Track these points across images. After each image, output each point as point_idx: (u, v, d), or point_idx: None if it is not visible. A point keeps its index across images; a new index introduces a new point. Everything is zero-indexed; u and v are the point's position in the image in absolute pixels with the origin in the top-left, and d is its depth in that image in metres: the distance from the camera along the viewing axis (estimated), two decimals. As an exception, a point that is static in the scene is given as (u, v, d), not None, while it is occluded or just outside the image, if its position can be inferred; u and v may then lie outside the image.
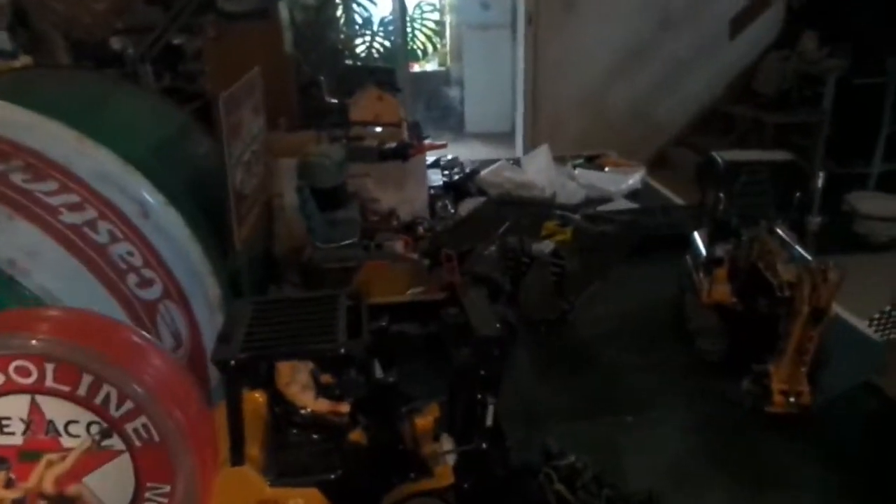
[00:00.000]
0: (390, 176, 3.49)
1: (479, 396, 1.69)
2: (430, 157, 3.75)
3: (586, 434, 2.14)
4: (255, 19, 8.37)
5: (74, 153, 1.90)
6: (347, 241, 2.60)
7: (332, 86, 7.50)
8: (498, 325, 1.65)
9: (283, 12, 8.99)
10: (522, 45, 9.46)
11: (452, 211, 3.47)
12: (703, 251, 2.68)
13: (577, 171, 4.14)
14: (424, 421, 1.83)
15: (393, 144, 3.29)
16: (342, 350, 1.55)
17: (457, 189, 4.21)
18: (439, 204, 3.45)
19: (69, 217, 1.69)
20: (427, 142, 3.37)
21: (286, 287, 2.84)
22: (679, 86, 8.91)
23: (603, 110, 9.68)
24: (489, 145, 12.65)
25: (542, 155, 4.17)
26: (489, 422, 1.72)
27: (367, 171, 3.47)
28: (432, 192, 3.55)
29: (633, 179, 4.04)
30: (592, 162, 4.73)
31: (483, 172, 4.23)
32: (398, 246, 2.59)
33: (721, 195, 2.60)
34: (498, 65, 11.72)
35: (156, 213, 1.98)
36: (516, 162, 4.46)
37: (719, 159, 2.69)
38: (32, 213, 1.60)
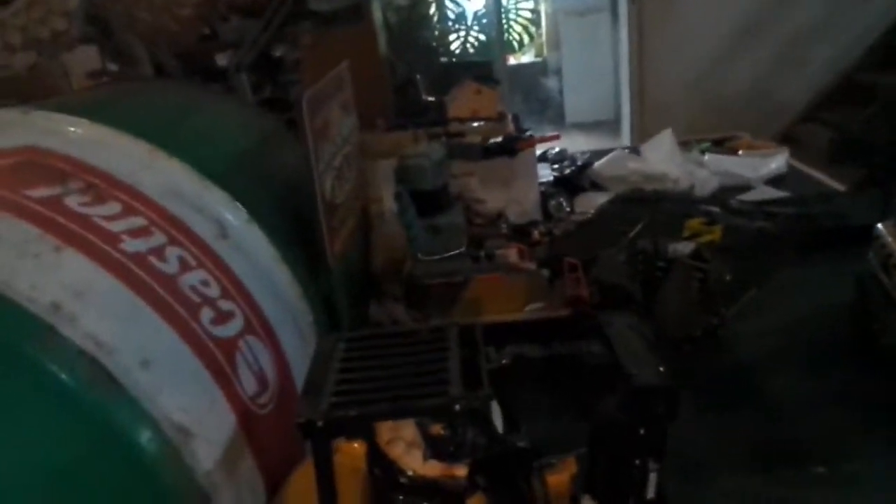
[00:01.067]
0: (496, 174, 3.09)
1: (637, 462, 1.27)
2: (537, 151, 3.30)
3: (763, 494, 1.65)
4: (349, 21, 8.20)
5: (143, 168, 1.63)
6: (453, 252, 2.22)
7: (428, 84, 7.18)
8: (662, 370, 1.22)
9: (377, 13, 8.76)
10: (626, 27, 8.78)
11: (568, 210, 3.02)
12: (897, 248, 2.11)
13: (706, 157, 3.57)
14: (559, 479, 1.44)
15: (498, 139, 2.89)
16: (457, 406, 1.17)
17: (569, 184, 3.75)
18: (552, 202, 3.01)
19: (131, 244, 1.41)
20: (535, 135, 2.94)
21: (387, 304, 2.50)
22: (806, 57, 7.94)
23: (717, 91, 8.83)
24: (592, 135, 11.97)
25: (666, 140, 3.64)
26: (651, 493, 1.29)
27: (471, 170, 3.10)
28: (542, 189, 3.11)
29: (777, 163, 3.44)
30: (722, 146, 4.13)
31: (598, 164, 3.75)
32: (511, 255, 2.19)
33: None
34: (597, 51, 11.07)
35: (236, 232, 1.69)
36: (633, 151, 3.93)
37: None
38: (86, 242, 1.33)
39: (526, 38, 12.15)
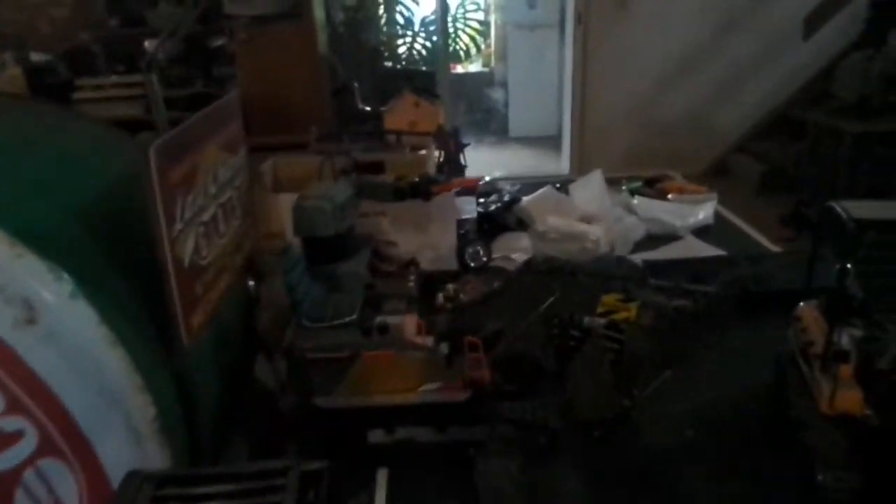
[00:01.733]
0: (410, 216, 2.82)
1: None
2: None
3: None
4: (287, 18, 7.73)
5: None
6: (342, 320, 1.93)
7: (368, 91, 6.81)
8: None
9: (319, 12, 8.29)
10: (571, 47, 8.66)
11: (485, 259, 2.76)
12: (817, 336, 1.94)
13: (635, 201, 3.38)
14: None
15: (414, 178, 2.61)
16: None
17: (493, 221, 3.50)
18: (469, 250, 2.75)
19: None
20: (455, 179, 2.68)
21: (276, 361, 2.20)
22: (742, 91, 8.02)
23: (656, 116, 8.83)
24: (534, 150, 11.80)
25: (595, 182, 3.43)
26: None
27: (383, 210, 2.81)
28: (462, 231, 2.85)
29: (704, 213, 3.27)
30: (653, 187, 3.95)
31: (525, 201, 3.52)
32: (409, 326, 1.91)
33: (847, 264, 1.84)
34: (544, 66, 10.97)
35: (52, 313, 1.35)
36: (562, 187, 3.73)
37: (843, 213, 1.93)
38: None
39: (473, 48, 11.89)
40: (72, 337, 1.37)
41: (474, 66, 11.74)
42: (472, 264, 2.76)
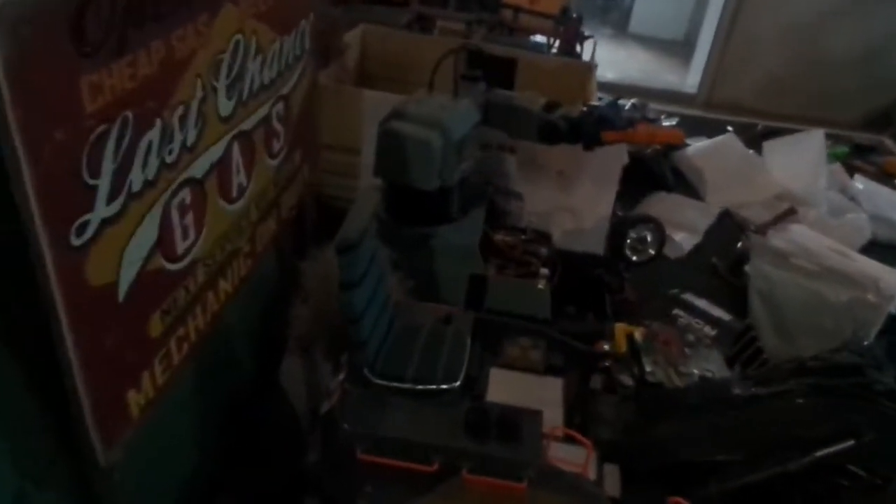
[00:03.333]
0: (553, 162, 1.78)
1: None
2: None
3: None
4: None
5: None
6: (436, 387, 1.01)
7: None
8: None
9: None
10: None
11: (652, 252, 1.73)
12: None
13: (859, 184, 2.23)
14: None
15: (574, 111, 1.55)
16: None
17: (643, 171, 2.41)
18: (633, 235, 1.71)
19: None
20: (639, 125, 1.58)
21: (315, 357, 1.34)
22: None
23: (816, 47, 7.06)
24: (655, 53, 10.00)
25: (809, 145, 2.29)
26: None
27: (512, 143, 1.77)
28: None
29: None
30: (865, 157, 2.76)
31: (694, 153, 2.42)
32: (552, 421, 0.97)
33: None
34: (686, -49, 8.96)
35: None
36: (753, 141, 2.58)
37: None
38: None
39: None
40: None
41: (604, -57, 9.86)
42: (635, 258, 1.73)
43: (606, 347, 1.22)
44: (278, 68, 1.02)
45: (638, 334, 1.26)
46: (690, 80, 7.88)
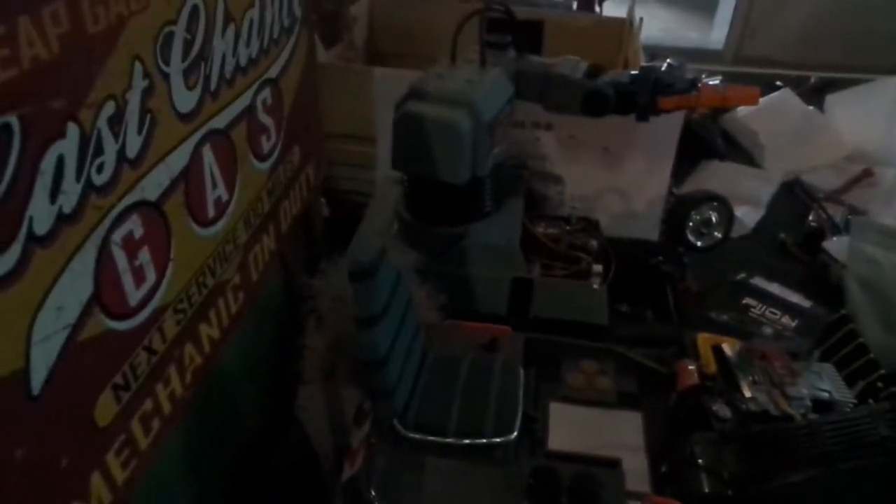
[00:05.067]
0: (597, 137, 1.52)
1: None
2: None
3: None
4: None
5: None
6: (486, 441, 0.77)
7: None
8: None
9: None
10: None
11: (720, 236, 1.47)
12: None
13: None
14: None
15: (618, 76, 1.29)
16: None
17: (694, 139, 2.14)
18: (696, 217, 1.45)
19: None
20: (704, 86, 1.30)
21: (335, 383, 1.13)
22: None
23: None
24: (676, 9, 9.50)
25: (881, 97, 2.00)
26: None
27: (548, 119, 1.51)
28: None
29: None
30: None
31: (746, 115, 2.15)
32: (637, 473, 0.73)
33: None
34: None
35: None
36: (810, 94, 2.29)
37: None
38: None
39: None
40: None
41: None
42: (700, 243, 1.48)
43: (692, 368, 0.98)
44: (260, 44, 0.78)
45: (728, 347, 1.01)
46: (715, 35, 7.42)
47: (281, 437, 1.18)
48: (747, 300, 1.60)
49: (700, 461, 0.86)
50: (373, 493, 0.79)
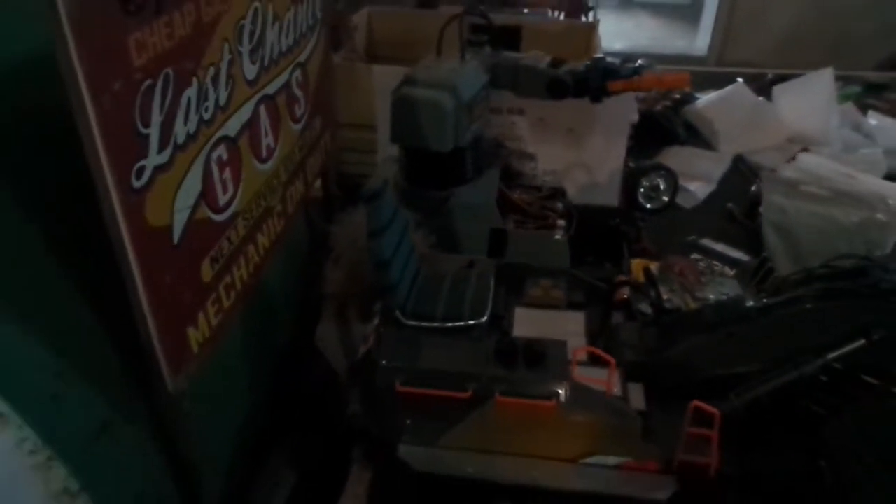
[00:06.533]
0: (561, 118, 1.83)
1: None
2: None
3: None
4: None
5: None
6: (464, 323, 1.08)
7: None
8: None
9: None
10: None
11: (666, 199, 1.77)
12: None
13: (872, 120, 2.25)
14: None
15: (580, 65, 1.60)
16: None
17: (656, 127, 2.47)
18: (646, 183, 1.76)
19: None
20: (646, 73, 1.61)
21: (332, 337, 1.42)
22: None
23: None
24: (664, 19, 9.88)
25: (817, 86, 2.32)
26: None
27: (521, 105, 1.83)
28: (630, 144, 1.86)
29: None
30: (880, 95, 2.77)
31: (704, 101, 2.45)
32: (576, 347, 1.04)
33: None
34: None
35: None
36: (761, 89, 2.61)
37: None
38: None
39: None
40: None
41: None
42: (649, 206, 1.78)
43: (624, 279, 1.28)
44: (294, 36, 1.09)
45: (654, 267, 1.31)
46: (699, 42, 7.79)
47: (304, 355, 1.47)
48: (695, 255, 1.90)
49: (625, 341, 1.17)
50: (383, 361, 1.09)
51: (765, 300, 1.05)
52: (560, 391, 1.02)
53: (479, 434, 1.06)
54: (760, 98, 2.51)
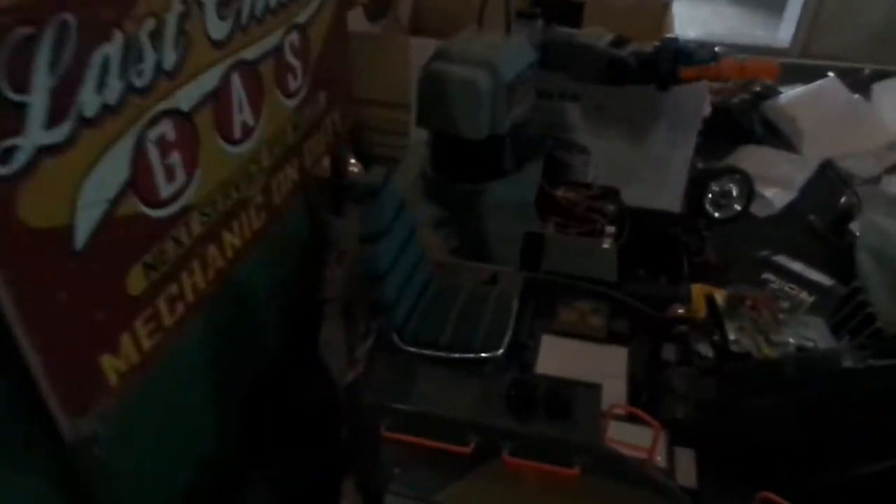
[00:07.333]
0: (623, 108, 1.57)
1: None
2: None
3: None
4: None
5: None
6: (473, 355, 0.86)
7: None
8: None
9: None
10: None
11: (738, 208, 1.49)
12: None
13: None
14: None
15: (648, 46, 1.34)
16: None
17: (731, 123, 2.16)
18: (715, 188, 1.49)
19: None
20: (725, 58, 1.33)
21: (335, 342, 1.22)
22: None
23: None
24: (742, 7, 9.25)
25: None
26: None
27: (575, 90, 1.57)
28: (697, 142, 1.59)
29: None
30: None
31: (787, 101, 2.14)
32: (614, 397, 0.80)
33: None
34: None
35: None
36: (856, 84, 2.26)
37: None
38: None
39: None
40: None
41: None
42: (717, 214, 1.51)
43: (681, 311, 1.03)
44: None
45: (720, 297, 1.06)
46: (782, 34, 7.20)
47: (302, 366, 1.28)
48: (767, 275, 1.62)
49: (675, 390, 0.92)
50: (368, 396, 0.89)
51: (869, 362, 0.79)
52: (586, 456, 0.80)
53: (482, 498, 0.85)
54: (856, 95, 2.17)
